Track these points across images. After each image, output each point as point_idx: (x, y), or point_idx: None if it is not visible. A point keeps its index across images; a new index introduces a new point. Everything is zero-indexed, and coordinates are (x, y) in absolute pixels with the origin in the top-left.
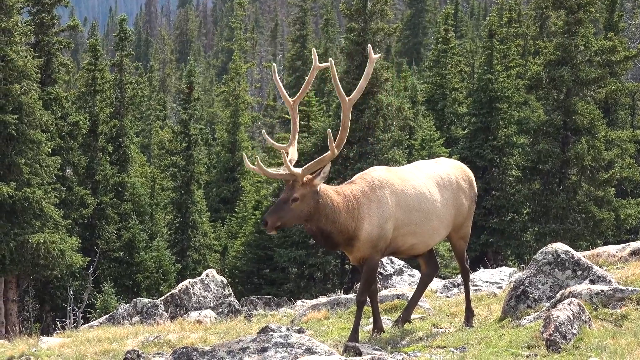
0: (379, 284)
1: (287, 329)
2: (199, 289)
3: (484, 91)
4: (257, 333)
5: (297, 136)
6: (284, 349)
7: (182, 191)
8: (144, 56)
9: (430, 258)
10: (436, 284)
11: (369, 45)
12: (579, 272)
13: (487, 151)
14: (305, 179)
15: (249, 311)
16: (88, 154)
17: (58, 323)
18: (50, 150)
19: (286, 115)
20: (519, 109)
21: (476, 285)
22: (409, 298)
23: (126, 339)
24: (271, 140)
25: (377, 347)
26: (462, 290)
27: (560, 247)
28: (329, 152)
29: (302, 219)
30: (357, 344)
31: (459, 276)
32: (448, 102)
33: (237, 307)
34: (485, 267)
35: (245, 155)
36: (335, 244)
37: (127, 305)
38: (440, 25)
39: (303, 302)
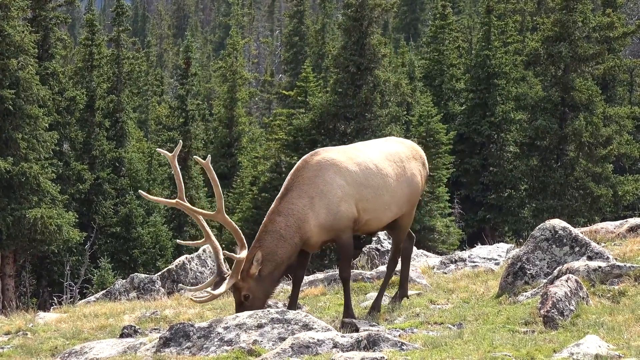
0: (377, 260)
1: (284, 305)
2: (196, 264)
3: (482, 67)
4: None
5: (207, 226)
6: (281, 325)
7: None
8: (141, 31)
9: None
10: (433, 260)
11: (195, 157)
12: (577, 249)
13: (485, 127)
14: (241, 277)
15: None
16: (85, 129)
17: (55, 298)
18: (47, 125)
19: (284, 91)
20: (517, 85)
21: (473, 262)
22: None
23: (123, 314)
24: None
25: (373, 323)
26: (460, 267)
27: (557, 223)
28: (242, 252)
29: (268, 296)
30: (353, 320)
31: (457, 252)
32: (446, 78)
33: None
34: (483, 243)
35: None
36: (292, 265)
37: (124, 280)
38: (438, 1)
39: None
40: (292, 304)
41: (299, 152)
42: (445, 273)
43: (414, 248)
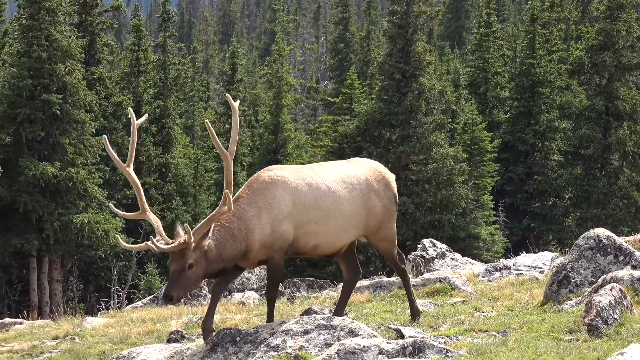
0: (421, 267)
1: (330, 311)
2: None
3: (526, 75)
4: (300, 315)
5: (144, 198)
6: (327, 331)
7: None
8: (187, 37)
9: (350, 262)
10: (478, 267)
11: (227, 95)
12: (621, 258)
13: (529, 135)
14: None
15: (292, 293)
16: None
17: (102, 303)
18: (94, 130)
19: (329, 98)
20: (561, 93)
21: (518, 270)
22: (403, 290)
23: (170, 319)
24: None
25: (419, 330)
26: (504, 275)
27: (602, 232)
28: (221, 205)
29: (201, 279)
30: (399, 327)
31: (502, 260)
32: (490, 86)
33: (280, 288)
34: (527, 251)
35: (118, 237)
36: (226, 270)
37: None
38: (483, 9)
39: None
40: (209, 317)
41: (345, 159)
42: (490, 281)
43: (458, 255)
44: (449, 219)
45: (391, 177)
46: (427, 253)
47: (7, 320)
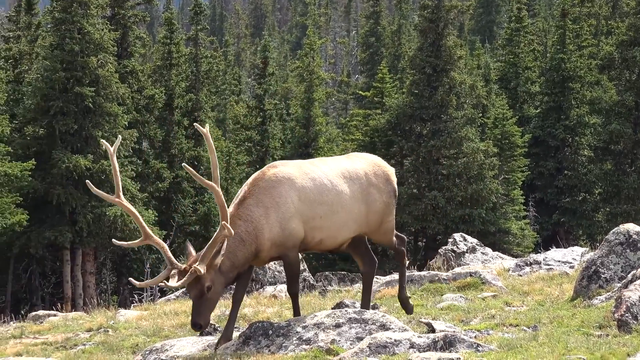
0: (452, 261)
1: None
2: (275, 263)
3: (557, 70)
4: (332, 308)
5: (144, 223)
6: (358, 324)
7: (257, 166)
8: (218, 30)
9: (365, 255)
10: (509, 262)
11: (196, 124)
12: None
13: (560, 131)
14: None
15: (324, 286)
16: (164, 128)
17: (135, 296)
18: (126, 123)
19: (360, 92)
20: (591, 89)
21: (548, 265)
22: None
23: None
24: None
25: (450, 324)
26: (535, 270)
27: (632, 227)
28: (220, 231)
29: (222, 293)
30: (430, 321)
31: (532, 255)
32: (521, 80)
33: (312, 282)
34: (557, 246)
35: (132, 280)
36: (242, 274)
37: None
38: (513, 4)
39: (377, 278)
40: (230, 326)
41: (376, 153)
42: (521, 275)
43: (489, 250)
44: (479, 214)
45: (391, 171)
46: (457, 247)
47: (41, 312)
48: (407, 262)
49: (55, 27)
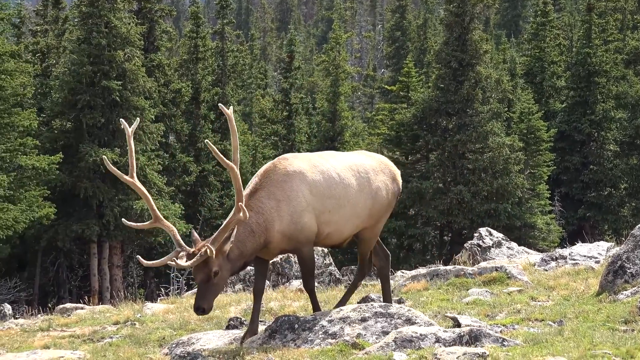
0: (478, 256)
1: (379, 300)
2: None
3: (582, 65)
4: (358, 303)
5: (154, 206)
6: (384, 318)
7: None
8: (244, 24)
9: (378, 249)
10: (534, 257)
11: (220, 105)
12: None
13: (585, 125)
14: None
15: (350, 281)
16: (190, 122)
17: (162, 289)
18: (153, 117)
19: (386, 86)
20: (617, 83)
21: (574, 259)
22: (381, 292)
23: (229, 306)
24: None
25: (475, 319)
26: (560, 264)
27: None
28: (235, 214)
29: (227, 281)
30: (456, 316)
31: (558, 249)
32: (547, 75)
33: (337, 276)
34: (583, 241)
35: (140, 257)
36: (248, 264)
37: (233, 277)
38: None
39: (402, 272)
40: (255, 319)
41: (401, 147)
42: (546, 270)
43: (514, 244)
44: (505, 208)
45: (397, 171)
46: (483, 242)
47: (68, 305)
48: (360, 284)
49: (83, 21)
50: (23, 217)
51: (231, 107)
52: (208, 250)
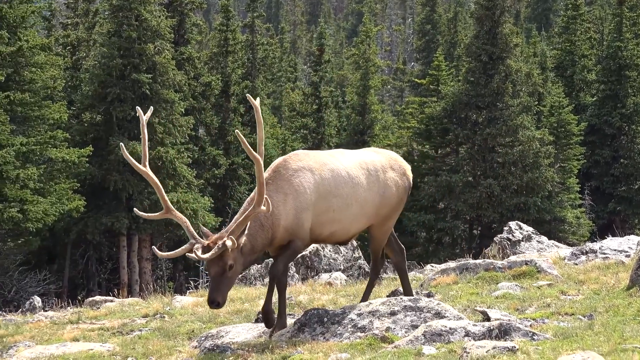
0: (508, 249)
1: (417, 293)
2: (330, 251)
3: (613, 59)
4: (387, 296)
5: (165, 196)
6: (413, 312)
7: None
8: (274, 18)
9: (392, 244)
10: (564, 251)
11: (248, 95)
12: None
13: (616, 119)
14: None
15: (379, 274)
16: (220, 115)
17: (191, 282)
18: (183, 110)
19: (416, 79)
20: None
21: (604, 253)
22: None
23: (258, 299)
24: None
25: (505, 312)
26: (591, 258)
27: None
28: (255, 207)
29: (238, 276)
30: (486, 309)
31: (588, 243)
32: (577, 68)
33: (367, 270)
34: (613, 235)
35: (155, 248)
36: (257, 260)
37: (259, 266)
38: None
39: (432, 266)
40: (282, 313)
41: (431, 141)
42: (576, 264)
43: (544, 238)
44: (534, 202)
45: (407, 166)
46: (513, 235)
47: (97, 298)
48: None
49: (113, 14)
50: (53, 210)
51: (258, 98)
52: (229, 242)
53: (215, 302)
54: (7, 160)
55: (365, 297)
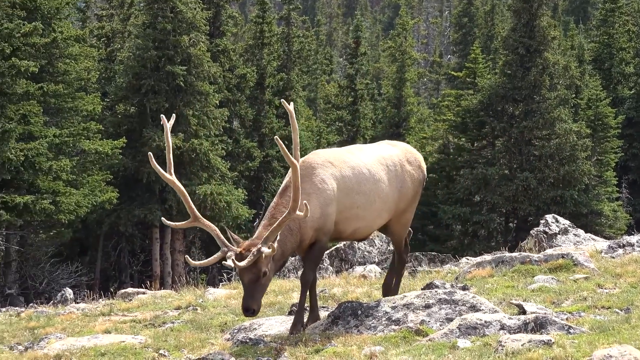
0: (544, 242)
1: (452, 286)
2: (364, 244)
3: None
4: (422, 289)
5: (192, 204)
6: (448, 305)
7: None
8: (310, 10)
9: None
10: (601, 244)
11: (282, 100)
12: None
13: None
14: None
15: (414, 267)
16: (255, 107)
17: (224, 275)
18: (217, 102)
19: (452, 72)
20: None
21: None
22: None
23: (292, 291)
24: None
25: (541, 306)
26: (628, 252)
27: None
28: (290, 212)
29: (270, 281)
30: (521, 303)
31: (625, 237)
32: (615, 61)
33: None
34: None
35: (188, 258)
36: (285, 265)
37: (294, 258)
38: None
39: (467, 259)
40: (314, 307)
41: (467, 134)
42: (613, 257)
43: (581, 231)
44: (571, 195)
45: (421, 158)
46: (549, 229)
47: (130, 290)
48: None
49: (148, 6)
50: (85, 202)
51: (292, 104)
52: (269, 249)
53: (250, 309)
54: (40, 151)
55: (395, 291)
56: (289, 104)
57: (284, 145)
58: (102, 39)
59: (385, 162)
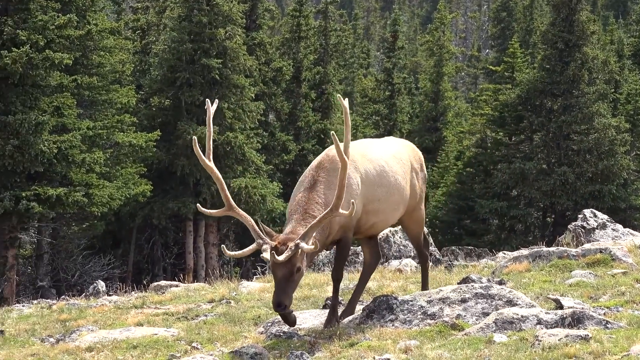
0: (582, 237)
1: (488, 280)
2: (400, 237)
3: None
4: (458, 283)
5: (228, 193)
6: (485, 300)
7: None
8: (348, 4)
9: (373, 246)
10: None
11: (338, 95)
12: None
13: None
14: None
15: (450, 261)
16: (291, 100)
17: (258, 267)
18: (253, 95)
19: (490, 66)
20: None
21: None
22: (351, 288)
23: (326, 285)
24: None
25: (578, 300)
26: None
27: None
28: (333, 210)
29: (302, 277)
30: (558, 297)
31: None
32: None
33: (437, 257)
34: None
35: (224, 247)
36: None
37: (328, 252)
38: None
39: (504, 253)
40: (356, 299)
41: (505, 128)
42: None
43: (619, 226)
44: (609, 190)
45: (422, 157)
46: (587, 223)
47: (163, 282)
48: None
49: None
50: (119, 194)
51: (346, 100)
52: (310, 245)
53: (282, 305)
54: (73, 144)
55: (424, 286)
56: (343, 99)
57: (338, 142)
58: (137, 31)
59: (399, 157)
